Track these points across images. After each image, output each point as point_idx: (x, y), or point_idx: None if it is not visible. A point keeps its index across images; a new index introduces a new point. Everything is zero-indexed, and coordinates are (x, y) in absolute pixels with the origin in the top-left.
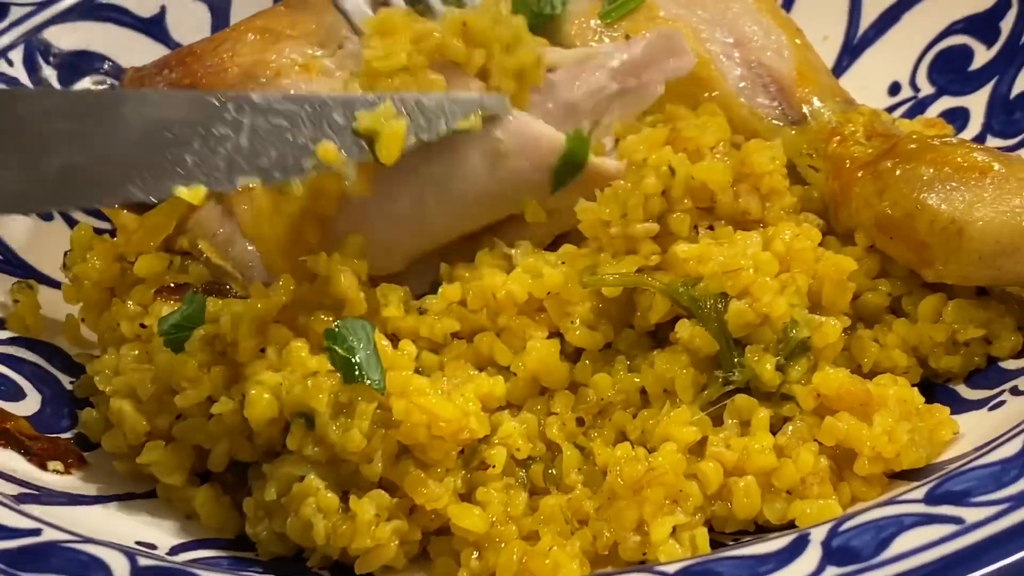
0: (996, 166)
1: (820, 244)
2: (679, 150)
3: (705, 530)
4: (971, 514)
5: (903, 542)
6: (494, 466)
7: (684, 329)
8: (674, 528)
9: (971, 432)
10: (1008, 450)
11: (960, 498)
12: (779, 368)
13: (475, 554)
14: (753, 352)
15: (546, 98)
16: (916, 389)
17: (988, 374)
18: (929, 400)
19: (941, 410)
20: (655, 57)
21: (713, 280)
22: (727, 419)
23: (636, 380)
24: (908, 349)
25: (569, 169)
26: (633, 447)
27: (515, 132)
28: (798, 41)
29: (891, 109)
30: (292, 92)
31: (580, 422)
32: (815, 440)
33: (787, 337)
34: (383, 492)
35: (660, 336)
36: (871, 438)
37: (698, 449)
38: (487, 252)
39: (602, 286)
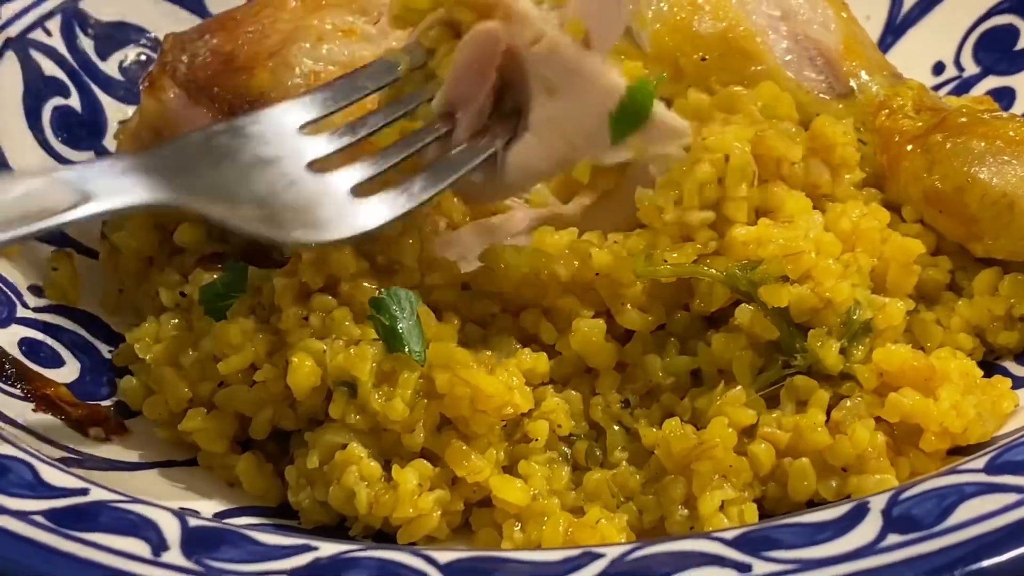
0: None
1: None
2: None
3: (754, 506)
4: None
5: (965, 510)
6: (537, 439)
7: (744, 315)
8: (722, 503)
9: (1021, 409)
10: None
11: (1022, 468)
12: (841, 351)
13: (517, 526)
14: (816, 337)
15: None
16: (974, 362)
17: None
18: None
19: (1003, 381)
20: None
21: (773, 264)
22: (784, 400)
23: (689, 361)
24: (971, 330)
25: (629, 119)
26: (682, 425)
27: (562, 68)
28: (844, 15)
29: (936, 88)
30: (336, 56)
31: (626, 403)
32: (872, 416)
33: (850, 319)
34: (425, 462)
35: (715, 317)
36: (939, 413)
37: (751, 431)
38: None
39: (657, 276)
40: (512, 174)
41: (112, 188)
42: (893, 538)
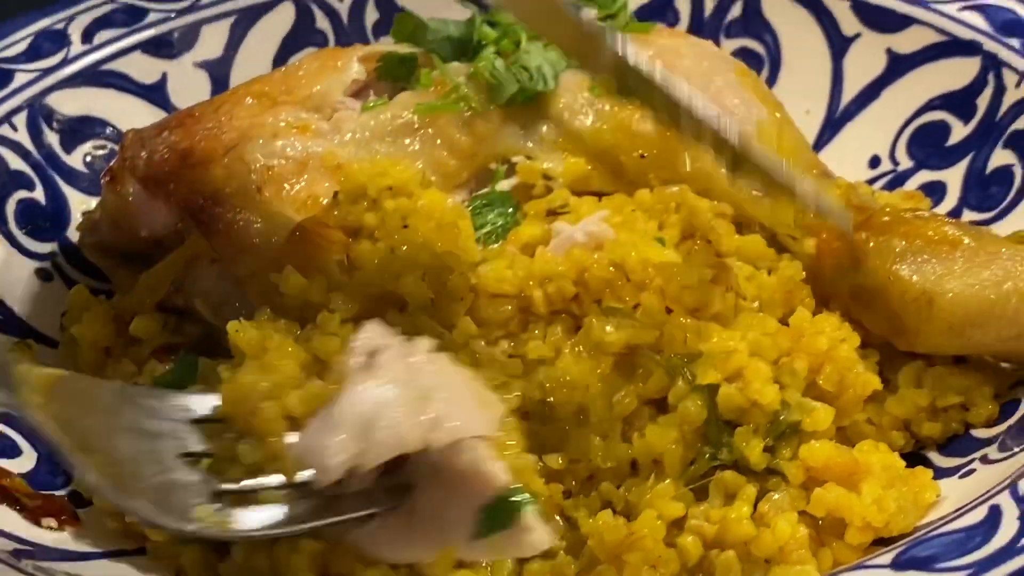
0: (966, 240)
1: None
2: None
3: None
4: None
5: None
6: None
7: (678, 396)
8: None
9: (941, 500)
10: (973, 517)
11: (926, 564)
12: (767, 449)
13: None
14: (742, 435)
15: None
16: (896, 454)
17: (961, 442)
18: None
19: (924, 473)
20: None
21: (707, 360)
22: (713, 493)
23: (627, 449)
24: (900, 425)
25: (498, 518)
26: (615, 515)
27: (448, 454)
28: (778, 115)
29: (871, 182)
30: (289, 152)
31: (567, 495)
32: (795, 510)
33: (777, 420)
34: None
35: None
36: (861, 508)
37: (680, 523)
38: None
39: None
40: (376, 545)
41: None
42: None
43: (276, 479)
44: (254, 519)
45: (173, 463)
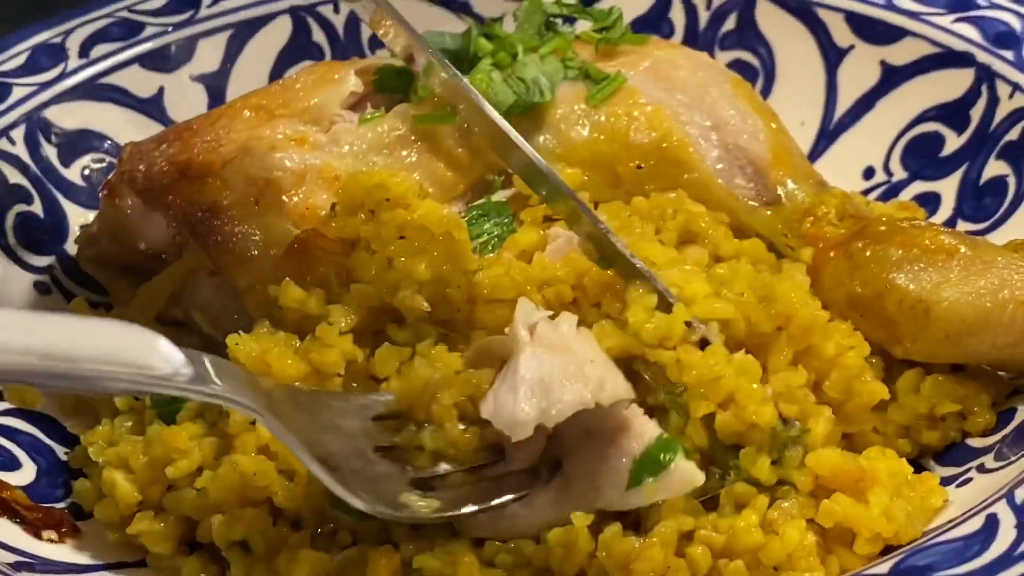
0: (963, 248)
1: None
2: None
3: None
4: None
5: None
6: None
7: (675, 429)
8: None
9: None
10: (971, 526)
11: (923, 573)
12: (774, 462)
13: None
14: (747, 456)
15: None
16: (903, 460)
17: (958, 451)
18: None
19: (931, 478)
20: None
21: (694, 392)
22: (723, 503)
23: None
24: (905, 434)
25: (652, 465)
26: (624, 529)
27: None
28: (773, 125)
29: (866, 193)
30: (287, 164)
31: None
32: (804, 517)
33: (777, 433)
34: None
35: None
36: (869, 520)
37: (690, 534)
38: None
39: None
40: (534, 516)
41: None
42: None
43: (456, 464)
44: (452, 503)
45: (373, 457)
